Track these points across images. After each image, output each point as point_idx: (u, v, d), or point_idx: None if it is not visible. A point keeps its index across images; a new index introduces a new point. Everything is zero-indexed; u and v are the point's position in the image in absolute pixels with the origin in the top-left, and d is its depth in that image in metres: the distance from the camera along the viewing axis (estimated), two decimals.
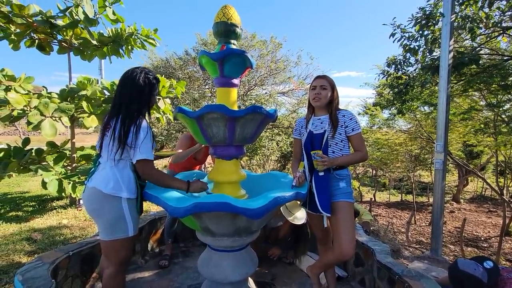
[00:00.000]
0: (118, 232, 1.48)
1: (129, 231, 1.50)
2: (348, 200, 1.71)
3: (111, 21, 3.13)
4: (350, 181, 1.78)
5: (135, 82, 1.46)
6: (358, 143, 1.74)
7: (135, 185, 1.50)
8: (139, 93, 1.47)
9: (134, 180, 1.50)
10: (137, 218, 1.57)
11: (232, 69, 1.62)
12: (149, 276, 2.34)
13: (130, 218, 1.49)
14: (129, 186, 1.48)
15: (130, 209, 1.49)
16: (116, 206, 1.46)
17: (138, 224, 1.61)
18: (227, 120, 1.46)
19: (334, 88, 1.77)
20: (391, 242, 4.07)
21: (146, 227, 2.64)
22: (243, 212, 1.28)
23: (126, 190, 1.47)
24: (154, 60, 10.95)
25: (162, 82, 3.65)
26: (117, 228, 1.47)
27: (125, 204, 1.47)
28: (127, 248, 1.54)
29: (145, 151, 1.43)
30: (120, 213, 1.46)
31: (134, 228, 1.53)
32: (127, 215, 1.48)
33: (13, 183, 6.71)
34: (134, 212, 1.52)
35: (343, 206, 1.69)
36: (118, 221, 1.47)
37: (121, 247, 1.50)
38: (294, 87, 10.87)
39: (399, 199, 13.16)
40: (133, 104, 1.45)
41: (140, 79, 1.47)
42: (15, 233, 3.23)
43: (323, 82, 1.75)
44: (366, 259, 2.21)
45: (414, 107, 5.73)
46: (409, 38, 4.26)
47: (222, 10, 1.62)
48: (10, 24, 3.05)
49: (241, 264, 1.66)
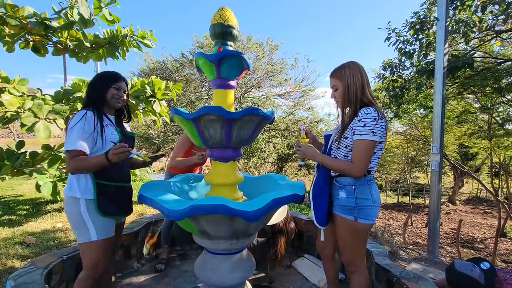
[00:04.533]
0: (81, 236, 1.41)
1: (91, 236, 1.39)
2: (343, 216, 1.43)
3: (108, 22, 3.11)
4: (357, 192, 1.42)
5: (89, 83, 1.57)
6: (353, 151, 1.37)
7: (92, 184, 1.41)
8: (89, 89, 1.53)
9: (91, 179, 1.41)
10: (103, 222, 1.44)
11: (229, 70, 1.62)
12: (145, 280, 2.31)
13: (90, 222, 1.39)
14: (83, 185, 1.40)
15: (89, 211, 1.39)
16: (74, 208, 1.40)
17: (108, 228, 1.47)
18: (224, 122, 1.45)
19: (344, 81, 1.40)
20: (388, 243, 4.08)
21: (142, 230, 2.60)
22: (241, 214, 1.27)
23: (79, 189, 1.40)
24: (151, 62, 10.94)
25: (158, 84, 3.63)
26: (80, 232, 1.41)
27: (83, 207, 1.39)
28: (95, 253, 1.42)
29: (68, 142, 1.35)
30: (79, 216, 1.39)
31: (98, 233, 1.41)
32: (86, 219, 1.39)
33: (6, 186, 6.60)
34: (95, 214, 1.41)
35: (338, 221, 1.46)
36: (79, 225, 1.40)
37: (87, 251, 1.42)
38: (291, 89, 10.91)
39: (396, 200, 13.23)
40: (85, 100, 1.54)
41: (92, 79, 1.57)
42: (8, 237, 3.16)
43: (333, 83, 1.47)
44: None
45: (410, 110, 5.78)
46: (404, 42, 4.31)
47: (219, 11, 1.62)
48: (4, 26, 3.02)
49: (238, 267, 1.64)
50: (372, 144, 1.34)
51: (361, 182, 1.43)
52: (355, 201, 1.41)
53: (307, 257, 2.65)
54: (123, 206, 1.57)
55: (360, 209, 1.41)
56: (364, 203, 1.41)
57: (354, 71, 1.40)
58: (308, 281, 2.33)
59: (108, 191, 1.46)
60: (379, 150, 1.45)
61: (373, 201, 1.43)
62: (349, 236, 1.46)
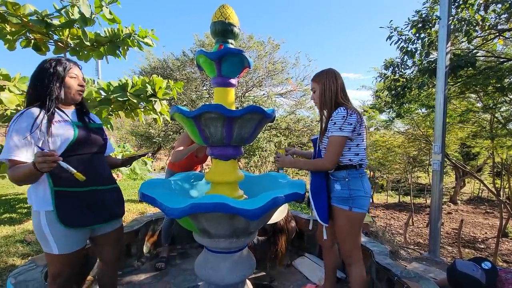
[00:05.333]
0: (44, 247, 1.29)
1: (53, 249, 1.25)
2: (339, 206, 1.58)
3: (108, 21, 3.11)
4: (350, 184, 1.57)
5: (31, 76, 1.31)
6: (328, 148, 1.52)
7: (50, 193, 1.22)
8: (34, 81, 1.30)
9: (49, 187, 1.22)
10: (66, 235, 1.26)
11: (229, 68, 1.61)
12: (146, 278, 2.31)
13: (51, 236, 1.24)
14: (41, 196, 1.24)
15: (50, 224, 1.23)
16: (36, 219, 1.25)
17: (74, 241, 1.30)
18: (224, 120, 1.44)
19: (321, 85, 1.57)
20: (389, 243, 4.06)
21: (142, 228, 2.60)
22: (241, 212, 1.26)
23: (37, 201, 1.25)
24: (152, 61, 10.93)
25: (159, 83, 3.62)
26: (42, 242, 1.28)
27: (43, 219, 1.23)
28: (57, 266, 1.30)
29: (4, 150, 1.17)
30: (39, 229, 1.25)
31: (60, 247, 1.25)
32: (46, 232, 1.24)
33: (7, 184, 6.63)
34: (56, 227, 1.23)
35: (335, 212, 1.61)
36: (41, 236, 1.26)
37: (50, 261, 1.31)
38: (292, 88, 10.90)
39: (397, 200, 13.20)
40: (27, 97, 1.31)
41: (37, 69, 1.32)
42: (9, 235, 3.17)
43: (312, 85, 1.64)
44: (365, 260, 2.19)
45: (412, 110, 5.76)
46: (406, 41, 4.29)
47: (219, 9, 1.61)
48: (5, 24, 3.02)
49: (238, 266, 1.63)
50: (340, 139, 1.50)
51: (353, 175, 1.58)
52: (348, 192, 1.57)
53: (308, 256, 2.64)
54: (97, 214, 1.35)
55: (354, 199, 1.56)
56: (357, 194, 1.57)
57: (331, 76, 1.58)
58: (309, 280, 2.33)
59: (71, 198, 1.27)
60: (361, 142, 1.59)
61: (365, 192, 1.59)
62: (346, 226, 1.60)
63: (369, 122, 10.32)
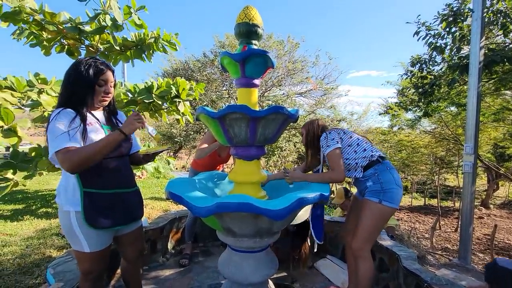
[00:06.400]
0: (73, 245, 1.32)
1: (84, 248, 1.29)
2: (370, 198, 1.69)
3: (136, 27, 3.25)
4: (380, 178, 1.68)
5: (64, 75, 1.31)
6: (330, 163, 1.76)
7: (79, 195, 1.26)
8: (66, 82, 1.30)
9: (79, 188, 1.26)
10: (96, 234, 1.30)
11: (253, 69, 1.62)
12: (171, 274, 2.39)
13: (82, 235, 1.28)
14: (71, 196, 1.28)
15: (80, 224, 1.27)
16: (66, 218, 1.28)
17: (103, 239, 1.34)
18: (249, 120, 1.45)
19: (306, 130, 1.93)
20: (416, 248, 3.90)
21: (167, 226, 2.69)
22: (266, 213, 1.27)
23: (67, 201, 1.28)
24: (174, 63, 11.23)
25: (182, 84, 3.72)
26: (72, 241, 1.31)
27: (73, 219, 1.27)
28: (87, 264, 1.34)
29: (54, 143, 1.17)
30: (70, 228, 1.28)
31: (91, 246, 1.29)
32: (77, 231, 1.27)
33: (43, 181, 7.10)
34: (86, 227, 1.27)
35: (364, 204, 1.72)
36: (70, 235, 1.30)
37: (80, 260, 1.35)
38: (312, 87, 10.75)
39: (422, 203, 12.62)
40: (59, 97, 1.32)
41: (70, 70, 1.30)
42: (46, 228, 3.40)
43: (302, 131, 2.01)
44: (391, 264, 2.12)
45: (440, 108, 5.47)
46: (434, 36, 4.09)
47: (244, 11, 1.63)
48: (43, 31, 3.24)
49: (261, 266, 1.64)
50: (334, 151, 1.74)
51: (380, 168, 1.70)
52: (380, 185, 1.66)
53: (330, 258, 2.60)
54: (121, 215, 1.38)
55: (385, 192, 1.64)
56: (388, 186, 1.65)
57: (312, 125, 1.94)
58: (331, 282, 2.29)
59: (99, 201, 1.29)
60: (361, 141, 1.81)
61: (396, 183, 1.67)
62: (370, 218, 1.66)
63: (393, 121, 9.96)
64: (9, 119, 2.57)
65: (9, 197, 5.05)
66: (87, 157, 1.18)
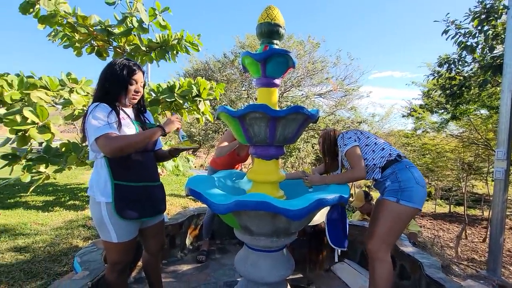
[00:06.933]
0: (102, 235, 1.40)
1: (112, 238, 1.37)
2: (387, 198, 1.64)
3: (161, 28, 3.36)
4: (399, 176, 1.63)
5: (100, 74, 1.42)
6: (349, 162, 1.73)
7: (110, 186, 1.34)
8: (102, 81, 1.40)
9: (110, 180, 1.34)
10: (124, 225, 1.37)
11: (274, 69, 1.62)
12: (188, 269, 2.44)
13: (111, 226, 1.35)
14: (102, 188, 1.35)
15: (109, 214, 1.34)
16: (96, 210, 1.36)
17: (130, 230, 1.41)
18: (269, 120, 1.46)
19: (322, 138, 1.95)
20: (439, 256, 3.73)
21: (186, 222, 2.75)
22: (284, 212, 1.27)
23: (99, 192, 1.35)
24: (195, 63, 11.47)
25: (203, 84, 3.80)
26: (102, 231, 1.39)
27: (104, 210, 1.34)
28: (115, 254, 1.41)
29: (96, 130, 1.25)
30: (100, 218, 1.36)
31: (119, 236, 1.37)
32: (107, 222, 1.35)
33: (71, 175, 7.50)
34: (115, 217, 1.34)
35: (381, 204, 1.68)
36: (101, 225, 1.38)
37: (108, 250, 1.43)
38: (332, 88, 10.56)
39: (447, 210, 12.03)
40: (95, 93, 1.41)
41: (106, 69, 1.41)
42: (73, 219, 3.60)
43: (318, 140, 2.08)
44: (412, 272, 2.04)
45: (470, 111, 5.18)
46: (465, 35, 3.88)
47: (266, 11, 1.63)
48: (75, 33, 3.44)
49: (278, 266, 1.64)
50: (351, 150, 1.72)
51: (399, 167, 1.64)
52: (398, 184, 1.60)
53: (348, 262, 2.54)
54: (147, 208, 1.45)
55: (403, 191, 1.57)
56: (407, 185, 1.58)
57: (328, 133, 1.96)
58: (348, 286, 2.25)
59: (128, 193, 1.37)
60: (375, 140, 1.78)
61: (416, 181, 1.58)
62: (387, 219, 1.59)
63: (417, 123, 9.55)
64: (44, 116, 2.75)
65: (41, 189, 5.39)
66: (128, 144, 1.28)
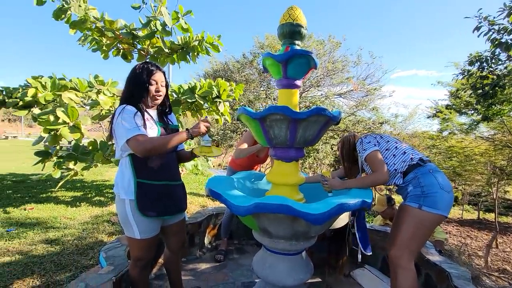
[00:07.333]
0: (127, 231, 1.45)
1: (135, 234, 1.42)
2: (409, 204, 1.58)
3: (183, 31, 3.44)
4: (421, 181, 1.57)
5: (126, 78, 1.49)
6: (371, 166, 1.69)
7: (133, 184, 1.39)
8: (127, 84, 1.47)
9: (133, 178, 1.39)
10: (147, 222, 1.42)
11: (295, 70, 1.61)
12: (206, 268, 2.48)
13: (134, 222, 1.40)
14: (126, 186, 1.40)
15: (133, 212, 1.40)
16: (121, 207, 1.42)
17: (153, 227, 1.46)
18: (289, 122, 1.44)
19: (342, 144, 1.93)
20: (467, 266, 3.53)
21: (204, 221, 2.79)
22: (304, 216, 1.25)
23: (123, 190, 1.40)
24: (214, 64, 11.61)
25: (223, 85, 3.84)
26: (126, 227, 1.45)
27: (128, 207, 1.40)
28: (137, 250, 1.46)
29: (126, 131, 1.31)
30: (125, 215, 1.41)
31: (141, 233, 1.42)
32: (131, 218, 1.40)
33: (97, 172, 7.86)
34: (138, 214, 1.39)
35: (402, 210, 1.63)
36: (125, 223, 1.43)
37: (131, 246, 1.47)
38: (353, 88, 10.30)
39: (476, 217, 11.34)
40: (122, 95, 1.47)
41: (129, 74, 1.47)
42: (99, 215, 3.77)
43: (337, 146, 2.07)
44: (439, 282, 1.94)
45: (504, 112, 4.85)
46: (499, 31, 3.64)
47: (288, 11, 1.62)
48: (102, 37, 3.60)
49: (296, 269, 1.62)
50: (371, 154, 1.67)
51: (422, 171, 1.58)
52: (421, 189, 1.54)
53: (368, 268, 2.47)
54: (168, 206, 1.49)
55: (426, 197, 1.51)
56: (430, 190, 1.51)
57: (347, 138, 1.94)
58: None
59: (150, 191, 1.42)
60: (399, 144, 1.74)
61: (440, 186, 1.51)
62: (409, 225, 1.53)
63: (443, 125, 9.08)
64: (74, 117, 2.90)
65: (70, 185, 5.69)
66: (158, 145, 1.34)
